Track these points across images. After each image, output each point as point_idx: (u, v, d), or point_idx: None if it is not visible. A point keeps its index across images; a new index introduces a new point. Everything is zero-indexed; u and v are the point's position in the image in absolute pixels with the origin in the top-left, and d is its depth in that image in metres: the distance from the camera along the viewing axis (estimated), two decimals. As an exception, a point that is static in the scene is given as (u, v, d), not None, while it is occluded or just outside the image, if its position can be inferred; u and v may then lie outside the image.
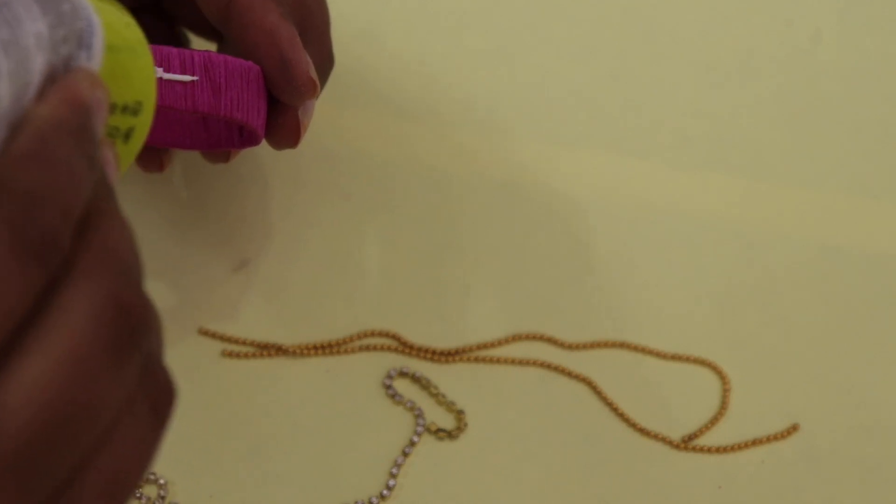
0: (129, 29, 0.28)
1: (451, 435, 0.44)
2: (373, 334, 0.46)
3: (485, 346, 0.46)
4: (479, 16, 0.56)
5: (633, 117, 0.54)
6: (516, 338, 0.47)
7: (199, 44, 0.45)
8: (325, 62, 0.41)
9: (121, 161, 0.28)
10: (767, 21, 0.57)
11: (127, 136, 0.29)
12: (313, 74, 0.38)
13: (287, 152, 0.49)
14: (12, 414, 0.21)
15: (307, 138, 0.43)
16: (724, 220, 0.51)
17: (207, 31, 0.44)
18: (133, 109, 0.28)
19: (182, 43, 0.45)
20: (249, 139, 0.41)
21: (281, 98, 0.39)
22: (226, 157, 0.42)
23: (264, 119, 0.39)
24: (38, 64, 0.23)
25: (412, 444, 0.44)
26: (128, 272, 0.24)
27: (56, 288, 0.22)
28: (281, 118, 0.39)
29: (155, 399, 0.25)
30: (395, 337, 0.46)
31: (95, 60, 0.25)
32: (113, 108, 0.27)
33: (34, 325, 0.22)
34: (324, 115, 0.50)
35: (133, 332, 0.23)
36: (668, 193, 0.51)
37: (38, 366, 0.21)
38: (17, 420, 0.21)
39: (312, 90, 0.38)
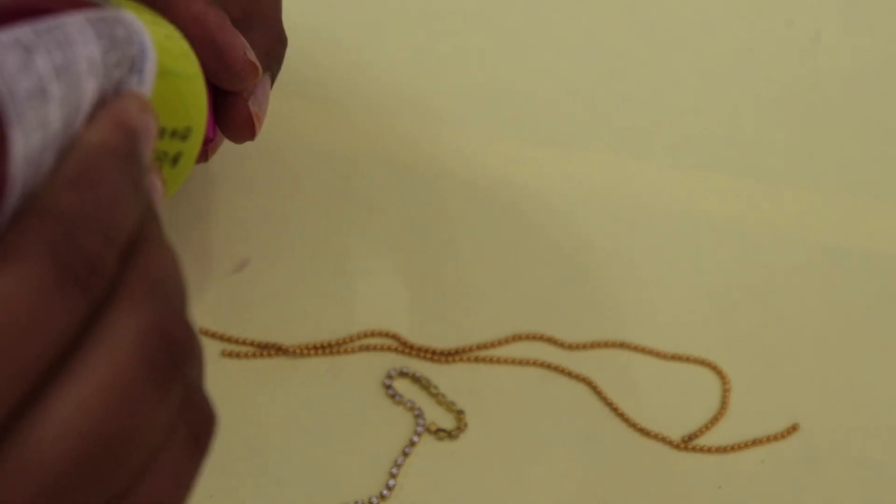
0: (182, 53, 0.28)
1: (450, 435, 0.44)
2: (373, 334, 0.46)
3: (485, 346, 0.46)
4: (477, 14, 0.56)
5: (632, 117, 0.54)
6: (516, 338, 0.47)
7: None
8: (275, 44, 0.39)
9: (168, 186, 0.28)
10: (767, 21, 0.57)
11: (174, 160, 0.28)
12: (251, 57, 0.37)
13: (291, 152, 0.49)
14: (52, 443, 0.21)
15: (309, 139, 0.43)
16: (724, 220, 0.51)
17: None
18: (182, 134, 0.28)
19: None
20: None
21: (223, 86, 0.37)
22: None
23: (208, 113, 0.38)
24: (90, 89, 0.23)
25: (412, 444, 0.44)
26: (172, 299, 0.23)
27: (100, 315, 0.22)
28: (232, 111, 0.38)
29: (196, 428, 0.24)
30: (395, 337, 0.46)
31: (147, 85, 0.25)
32: (162, 132, 0.27)
33: (77, 352, 0.21)
34: (324, 116, 0.50)
35: (176, 361, 0.23)
36: (667, 193, 0.51)
37: (79, 394, 0.21)
38: (56, 449, 0.21)
39: (253, 73, 0.37)
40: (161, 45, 0.26)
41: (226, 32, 0.36)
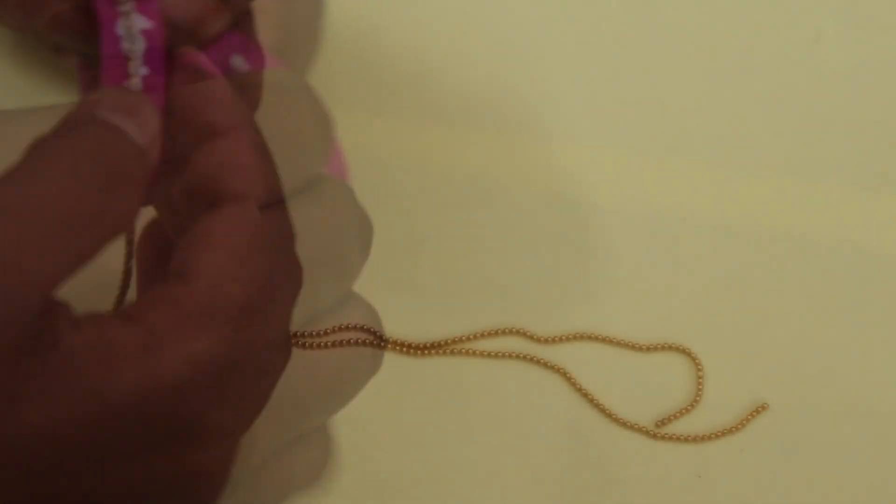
0: None
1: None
2: (347, 328, 0.46)
3: (460, 339, 0.46)
4: (479, 11, 0.56)
5: (621, 112, 0.53)
6: (491, 333, 0.46)
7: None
8: None
9: None
10: (768, 19, 0.57)
11: None
12: None
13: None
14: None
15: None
16: (699, 211, 0.50)
17: None
18: None
19: None
20: None
21: None
22: None
23: None
24: None
25: None
26: None
27: None
28: None
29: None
30: (369, 331, 0.46)
31: None
32: None
33: None
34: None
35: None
36: (639, 184, 0.51)
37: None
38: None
39: None
40: None
41: None
